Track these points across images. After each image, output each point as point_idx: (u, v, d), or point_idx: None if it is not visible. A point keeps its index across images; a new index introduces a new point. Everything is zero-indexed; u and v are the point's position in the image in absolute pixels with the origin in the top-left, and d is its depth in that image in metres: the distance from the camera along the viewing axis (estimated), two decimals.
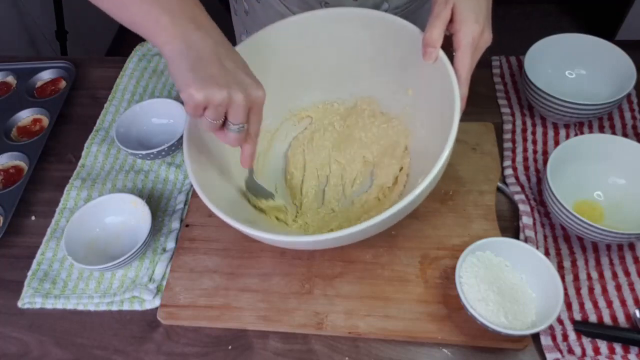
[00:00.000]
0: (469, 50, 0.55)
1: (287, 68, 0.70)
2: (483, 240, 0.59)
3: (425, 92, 0.64)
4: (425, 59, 0.58)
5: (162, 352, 0.61)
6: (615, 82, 0.73)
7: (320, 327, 0.60)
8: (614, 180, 0.67)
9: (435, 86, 0.59)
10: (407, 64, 0.65)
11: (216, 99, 0.48)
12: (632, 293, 0.60)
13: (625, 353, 0.56)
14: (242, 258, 0.67)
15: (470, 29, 0.54)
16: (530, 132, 0.76)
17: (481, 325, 0.55)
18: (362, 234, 0.54)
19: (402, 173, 0.68)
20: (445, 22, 0.56)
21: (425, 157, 0.61)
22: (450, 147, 0.53)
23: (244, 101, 0.50)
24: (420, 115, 0.67)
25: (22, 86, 0.91)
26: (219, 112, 0.50)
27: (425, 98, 0.64)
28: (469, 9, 0.54)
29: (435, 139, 0.57)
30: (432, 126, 0.62)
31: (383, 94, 0.72)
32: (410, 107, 0.69)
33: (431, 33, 0.56)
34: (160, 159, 0.79)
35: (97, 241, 0.69)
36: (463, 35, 0.54)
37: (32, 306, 0.66)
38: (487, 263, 0.59)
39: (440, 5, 0.55)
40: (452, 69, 0.56)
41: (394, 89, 0.69)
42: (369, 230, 0.52)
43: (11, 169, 0.80)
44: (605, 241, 0.61)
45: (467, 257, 0.59)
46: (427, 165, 0.54)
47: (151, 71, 0.92)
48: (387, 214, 0.51)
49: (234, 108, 0.50)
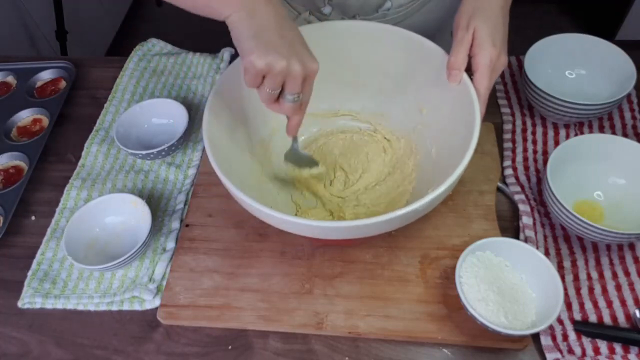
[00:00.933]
0: (487, 71, 0.58)
1: None
2: (483, 240, 0.59)
3: (439, 111, 0.66)
4: (450, 81, 0.61)
5: (162, 352, 0.61)
6: (615, 82, 0.73)
7: (320, 327, 0.60)
8: (614, 180, 0.67)
9: (454, 105, 0.62)
10: (426, 84, 0.66)
11: (277, 67, 0.50)
12: (632, 293, 0.60)
13: (625, 353, 0.56)
14: (242, 258, 0.67)
15: (488, 52, 0.58)
16: (530, 132, 0.76)
17: (481, 325, 0.55)
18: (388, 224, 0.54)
19: (406, 190, 0.69)
20: (468, 47, 0.59)
21: (434, 173, 0.64)
22: (470, 156, 0.55)
23: (302, 71, 0.52)
24: (431, 133, 0.68)
25: (22, 86, 0.91)
26: (278, 81, 0.52)
27: (439, 117, 0.66)
28: (487, 33, 0.58)
29: (448, 154, 0.60)
30: (444, 143, 0.65)
31: (396, 111, 0.73)
32: (421, 125, 0.70)
33: (456, 57, 0.60)
34: (160, 159, 0.79)
35: (97, 241, 0.69)
36: (481, 58, 0.58)
37: (32, 306, 0.66)
38: (487, 263, 0.59)
39: (463, 30, 0.59)
40: (473, 89, 0.59)
41: (408, 108, 0.71)
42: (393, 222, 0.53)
43: (11, 169, 0.80)
44: (605, 241, 0.61)
45: (467, 257, 0.59)
46: (436, 178, 0.56)
47: (151, 71, 0.92)
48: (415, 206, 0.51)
49: (292, 77, 0.52)
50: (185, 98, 0.87)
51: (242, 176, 0.64)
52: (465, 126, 0.58)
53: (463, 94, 0.60)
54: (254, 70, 0.50)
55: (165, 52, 0.96)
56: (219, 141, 0.61)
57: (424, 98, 0.68)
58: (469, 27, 0.59)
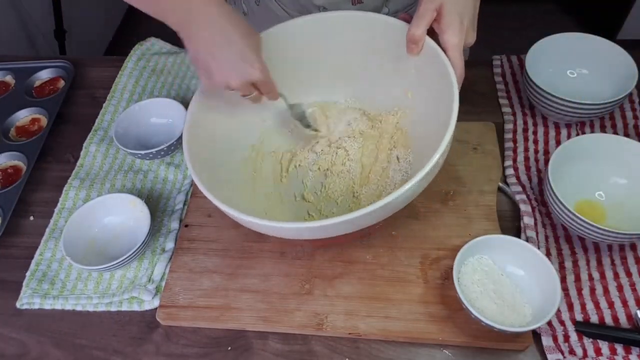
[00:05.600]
0: (458, 50, 0.58)
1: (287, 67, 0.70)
2: (480, 237, 0.59)
3: (424, 90, 0.65)
4: (409, 53, 0.62)
5: (161, 353, 0.61)
6: (616, 82, 0.73)
7: (320, 327, 0.60)
8: (616, 180, 0.66)
9: (432, 76, 0.60)
10: (406, 65, 0.65)
11: (222, 86, 0.58)
12: (633, 293, 0.59)
13: (626, 354, 0.56)
14: (242, 258, 0.66)
15: (457, 30, 0.57)
16: (531, 131, 0.76)
17: (476, 320, 0.54)
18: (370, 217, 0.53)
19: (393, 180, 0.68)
20: (428, 23, 0.58)
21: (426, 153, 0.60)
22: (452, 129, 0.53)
23: (241, 84, 0.58)
24: (416, 117, 0.67)
25: (21, 86, 0.91)
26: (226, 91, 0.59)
27: (424, 96, 0.65)
28: (455, 11, 0.57)
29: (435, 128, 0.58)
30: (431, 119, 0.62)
31: (383, 96, 0.71)
32: (409, 109, 0.69)
33: (416, 30, 0.59)
34: (160, 159, 0.78)
35: (96, 241, 0.68)
36: (450, 37, 0.57)
37: (30, 307, 0.66)
38: (486, 262, 0.60)
39: (426, 5, 0.58)
40: (450, 64, 0.57)
41: (395, 93, 0.69)
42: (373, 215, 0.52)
43: (9, 169, 0.80)
44: (606, 241, 0.60)
45: (466, 257, 0.59)
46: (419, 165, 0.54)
47: (150, 70, 0.91)
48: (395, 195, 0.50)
49: (239, 88, 0.58)
50: (184, 97, 0.87)
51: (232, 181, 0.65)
52: (444, 110, 0.56)
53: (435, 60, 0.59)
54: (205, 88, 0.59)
55: (165, 51, 0.96)
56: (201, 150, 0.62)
57: (407, 80, 0.67)
58: (434, 1, 0.57)
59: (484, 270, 0.59)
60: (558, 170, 0.63)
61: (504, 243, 0.59)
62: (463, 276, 0.59)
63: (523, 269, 0.59)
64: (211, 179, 0.59)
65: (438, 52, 0.59)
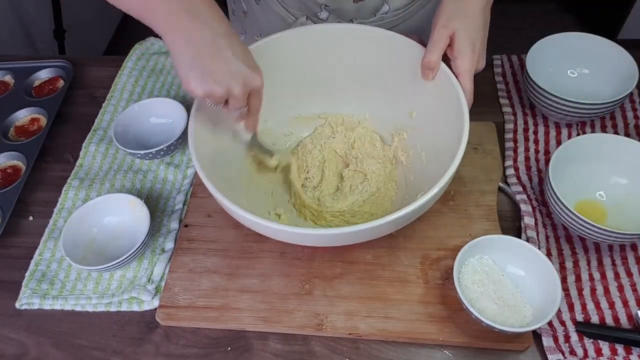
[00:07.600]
0: (469, 77, 0.59)
1: (291, 77, 0.71)
2: (481, 237, 0.59)
3: (429, 115, 0.66)
4: (424, 78, 0.63)
5: (160, 354, 0.61)
6: (617, 82, 0.73)
7: (320, 328, 0.60)
8: (616, 180, 0.66)
9: (442, 107, 0.62)
10: (415, 86, 0.66)
11: (215, 94, 0.53)
12: (634, 294, 0.59)
13: (627, 354, 0.56)
14: (242, 258, 0.66)
15: (469, 57, 0.58)
16: (532, 131, 0.76)
17: (477, 320, 0.54)
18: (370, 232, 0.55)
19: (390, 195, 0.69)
20: (443, 49, 0.59)
21: (426, 174, 0.64)
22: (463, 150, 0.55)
23: (241, 92, 0.54)
24: (421, 136, 0.68)
25: (20, 85, 0.90)
26: (220, 102, 0.55)
27: (429, 120, 0.66)
28: (468, 38, 0.58)
29: (441, 152, 0.60)
30: (434, 147, 0.64)
31: (387, 115, 0.72)
32: (412, 129, 0.70)
33: (431, 57, 0.60)
34: (159, 159, 0.78)
35: (95, 242, 0.68)
36: (463, 63, 0.59)
37: (29, 307, 0.65)
38: (486, 262, 0.59)
39: (440, 30, 0.59)
40: (461, 90, 0.59)
41: (398, 111, 0.70)
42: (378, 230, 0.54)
43: (9, 169, 0.79)
44: (607, 241, 0.60)
45: (467, 257, 0.59)
46: (429, 180, 0.55)
47: (150, 70, 0.91)
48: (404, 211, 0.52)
49: (232, 99, 0.55)
50: (184, 97, 0.87)
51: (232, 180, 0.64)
52: (454, 128, 0.58)
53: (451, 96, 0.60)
54: (195, 97, 0.55)
55: (164, 51, 0.95)
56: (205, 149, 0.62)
57: (414, 101, 0.68)
58: (448, 27, 0.58)
59: (484, 270, 0.59)
60: (558, 170, 0.63)
61: (505, 243, 0.59)
62: (463, 276, 0.59)
63: (523, 269, 0.59)
64: (218, 181, 0.59)
65: (449, 76, 0.60)
